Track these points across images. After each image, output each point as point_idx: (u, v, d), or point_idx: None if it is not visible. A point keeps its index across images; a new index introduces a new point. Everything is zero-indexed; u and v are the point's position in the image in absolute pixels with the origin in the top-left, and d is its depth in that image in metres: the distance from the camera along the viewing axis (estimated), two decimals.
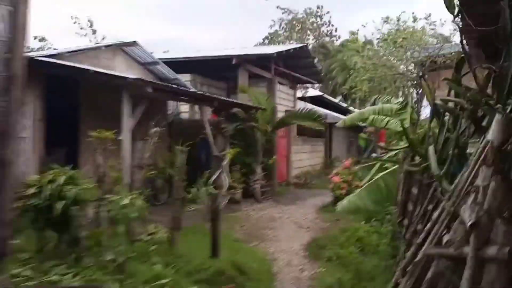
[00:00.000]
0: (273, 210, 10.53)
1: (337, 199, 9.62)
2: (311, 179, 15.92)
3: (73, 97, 9.12)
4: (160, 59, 12.28)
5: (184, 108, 13.89)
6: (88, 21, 20.56)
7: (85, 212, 5.41)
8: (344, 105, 24.54)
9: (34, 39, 19.85)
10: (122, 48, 10.47)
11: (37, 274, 4.71)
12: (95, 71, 7.39)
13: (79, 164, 8.26)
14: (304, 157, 17.62)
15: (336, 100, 24.71)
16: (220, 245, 5.68)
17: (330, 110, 20.64)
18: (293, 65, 16.25)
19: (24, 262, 5.05)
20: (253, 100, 12.36)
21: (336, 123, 18.63)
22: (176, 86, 9.74)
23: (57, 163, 6.91)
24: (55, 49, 11.69)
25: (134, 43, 10.43)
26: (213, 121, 11.93)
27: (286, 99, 16.49)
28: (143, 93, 7.47)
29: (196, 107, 12.13)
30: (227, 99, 11.85)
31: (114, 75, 7.41)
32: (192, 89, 11.66)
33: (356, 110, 14.59)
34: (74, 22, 20.34)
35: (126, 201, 4.94)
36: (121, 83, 7.17)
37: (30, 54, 7.86)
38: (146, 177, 8.84)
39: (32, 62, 7.72)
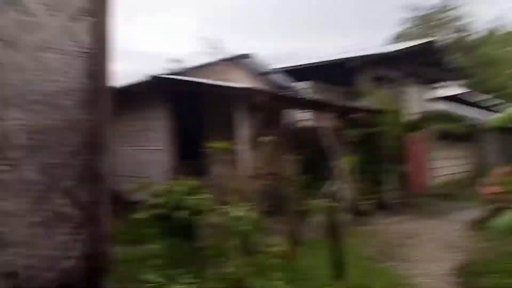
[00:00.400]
0: (410, 224, 9.19)
1: (492, 213, 7.86)
2: (456, 189, 13.77)
3: (201, 110, 9.47)
4: (276, 69, 12.16)
5: (304, 116, 13.46)
6: (215, 41, 22.09)
7: (205, 222, 5.31)
8: (490, 103, 21.12)
9: (171, 61, 21.99)
10: (238, 60, 10.60)
11: (165, 281, 4.74)
12: (210, 84, 7.48)
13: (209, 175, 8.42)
14: (445, 164, 15.44)
15: (479, 99, 21.42)
16: (345, 264, 4.91)
17: (472, 109, 17.89)
18: (422, 63, 14.55)
19: (157, 268, 5.19)
20: (377, 103, 11.24)
21: (483, 124, 16.02)
22: (292, 94, 9.33)
23: (190, 174, 7.11)
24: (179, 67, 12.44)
25: (249, 55, 10.48)
26: (333, 128, 11.22)
27: (416, 100, 14.78)
28: (256, 102, 7.26)
29: (315, 115, 11.52)
30: (347, 104, 10.98)
31: (226, 86, 7.39)
32: (310, 96, 11.17)
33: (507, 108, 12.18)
34: (204, 43, 22.04)
35: (239, 212, 4.62)
36: (233, 93, 7.08)
37: (158, 73, 8.36)
38: (269, 187, 8.60)
39: (161, 80, 8.24)
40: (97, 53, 3.03)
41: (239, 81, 10.33)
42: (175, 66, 17.99)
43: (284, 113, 11.83)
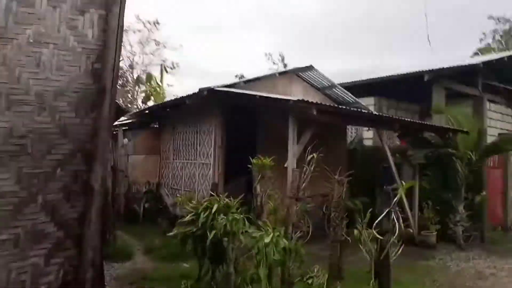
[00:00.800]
0: (482, 262, 7.99)
1: None
2: None
3: (252, 124, 9.22)
4: (340, 83, 11.55)
5: (366, 134, 12.64)
6: (280, 55, 21.98)
7: (235, 245, 4.96)
8: None
9: (235, 77, 22.28)
10: (298, 74, 10.20)
11: None
12: (262, 96, 7.15)
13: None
14: None
15: None
16: None
17: None
18: (506, 78, 12.96)
19: None
20: (452, 122, 10.10)
21: None
22: (347, 108, 8.67)
23: (235, 191, 6.85)
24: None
25: (309, 68, 10.02)
26: (398, 147, 10.30)
27: (500, 121, 13.17)
28: (309, 116, 6.77)
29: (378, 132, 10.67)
30: (414, 121, 10.01)
31: (278, 99, 6.98)
32: (375, 113, 10.39)
33: None
34: (268, 59, 22.09)
35: (268, 238, 4.18)
36: (284, 107, 6.67)
37: (210, 85, 8.26)
38: (313, 210, 7.99)
39: (211, 92, 8.12)
40: (103, 50, 2.75)
41: (299, 95, 9.92)
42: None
43: (344, 129, 11.18)
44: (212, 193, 5.79)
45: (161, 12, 41.58)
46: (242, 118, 8.83)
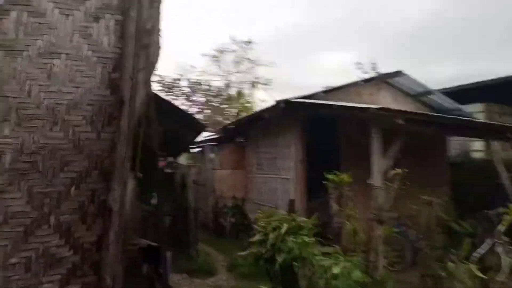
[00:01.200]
0: None
1: None
2: None
3: (335, 137, 8.64)
4: (440, 89, 10.30)
5: (477, 146, 10.98)
6: (371, 64, 20.76)
7: (306, 271, 4.47)
8: None
9: (323, 88, 21.57)
10: (387, 80, 9.29)
11: None
12: (336, 105, 6.57)
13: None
14: None
15: None
16: None
17: None
18: None
19: None
20: None
21: None
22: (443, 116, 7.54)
23: (321, 208, 6.39)
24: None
25: (399, 73, 9.07)
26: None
27: None
28: (396, 126, 5.98)
29: (488, 143, 9.18)
30: None
31: (354, 107, 6.34)
32: (480, 120, 8.96)
33: None
34: (359, 68, 21.03)
35: (337, 269, 3.61)
36: (364, 116, 5.99)
37: (287, 97, 7.92)
38: (400, 234, 6.98)
39: (288, 104, 7.79)
40: (120, 59, 2.54)
41: (387, 102, 9.07)
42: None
43: (443, 140, 9.87)
44: (292, 210, 5.38)
45: (254, 31, 42.63)
46: (324, 130, 8.29)
